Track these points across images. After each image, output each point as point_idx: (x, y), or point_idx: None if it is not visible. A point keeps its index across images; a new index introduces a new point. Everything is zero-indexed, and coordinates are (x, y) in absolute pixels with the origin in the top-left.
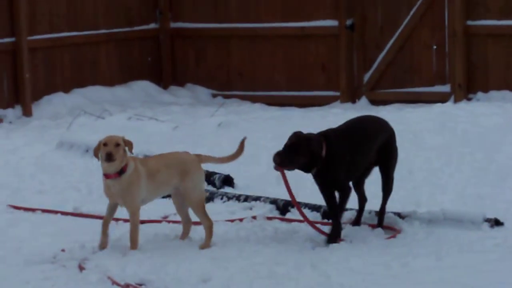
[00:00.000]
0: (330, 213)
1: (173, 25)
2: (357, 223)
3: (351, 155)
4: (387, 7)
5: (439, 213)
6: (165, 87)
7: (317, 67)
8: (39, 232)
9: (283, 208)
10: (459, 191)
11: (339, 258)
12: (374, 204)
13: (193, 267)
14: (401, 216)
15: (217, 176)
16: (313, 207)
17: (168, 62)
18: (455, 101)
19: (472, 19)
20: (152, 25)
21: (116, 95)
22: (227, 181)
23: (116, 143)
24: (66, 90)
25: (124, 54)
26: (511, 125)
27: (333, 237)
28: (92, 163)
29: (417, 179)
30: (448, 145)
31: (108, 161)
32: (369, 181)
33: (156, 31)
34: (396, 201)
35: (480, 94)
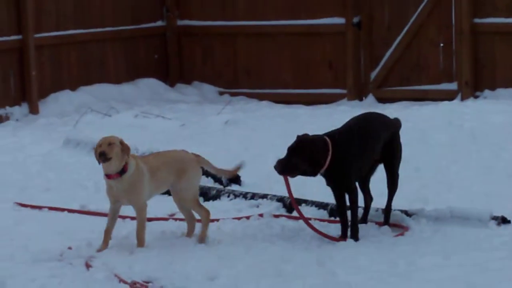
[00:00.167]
0: (337, 211)
1: (180, 22)
2: (363, 221)
3: (358, 156)
4: (394, 4)
5: (446, 210)
6: (172, 84)
7: (324, 65)
8: (46, 230)
9: (290, 206)
10: (466, 189)
11: (345, 256)
12: (380, 201)
13: (200, 264)
14: (408, 214)
15: None
16: (320, 205)
17: (175, 60)
18: (462, 99)
19: (479, 16)
20: (159, 23)
21: (123, 92)
22: (234, 179)
23: (109, 143)
24: (73, 88)
25: (131, 52)
26: None
27: (355, 234)
28: None
29: (424, 177)
30: (455, 143)
31: (103, 161)
32: (374, 179)
33: (163, 29)
34: (403, 198)
35: (487, 92)
